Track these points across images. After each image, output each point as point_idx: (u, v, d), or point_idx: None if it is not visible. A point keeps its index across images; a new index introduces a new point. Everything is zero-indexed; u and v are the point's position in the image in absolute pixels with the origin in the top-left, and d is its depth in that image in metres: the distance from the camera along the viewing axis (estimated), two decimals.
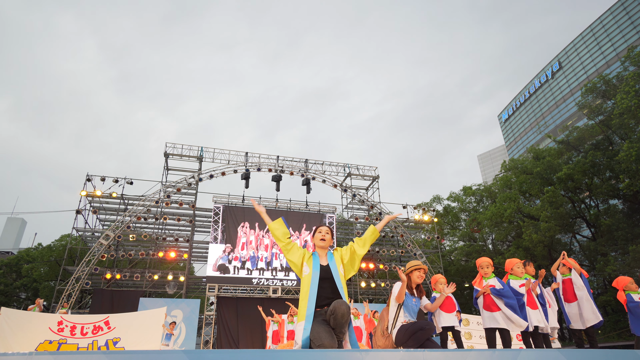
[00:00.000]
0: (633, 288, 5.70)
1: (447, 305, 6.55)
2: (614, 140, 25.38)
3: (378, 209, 21.43)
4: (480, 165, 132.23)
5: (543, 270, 6.07)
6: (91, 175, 18.44)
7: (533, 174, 26.64)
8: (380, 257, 22.49)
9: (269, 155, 21.19)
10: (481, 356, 2.41)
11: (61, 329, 7.45)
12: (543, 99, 61.27)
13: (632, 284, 5.75)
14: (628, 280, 5.76)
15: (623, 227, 22.94)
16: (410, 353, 2.33)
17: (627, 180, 21.34)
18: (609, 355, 2.63)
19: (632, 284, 5.75)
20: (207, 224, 21.09)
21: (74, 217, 17.82)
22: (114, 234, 17.35)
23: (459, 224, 34.36)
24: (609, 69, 45.72)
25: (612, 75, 26.29)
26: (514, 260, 5.70)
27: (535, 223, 24.54)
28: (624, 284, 5.75)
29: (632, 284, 5.73)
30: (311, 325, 3.03)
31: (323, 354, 2.33)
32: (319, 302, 3.18)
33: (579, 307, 5.69)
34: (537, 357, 2.58)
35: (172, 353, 2.16)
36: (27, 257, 28.10)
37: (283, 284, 18.64)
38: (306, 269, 3.38)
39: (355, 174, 22.51)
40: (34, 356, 2.04)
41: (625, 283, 5.75)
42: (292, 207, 21.14)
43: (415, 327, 3.82)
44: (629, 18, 46.92)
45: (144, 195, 18.85)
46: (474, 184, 34.54)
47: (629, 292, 5.65)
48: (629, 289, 5.69)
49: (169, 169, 20.26)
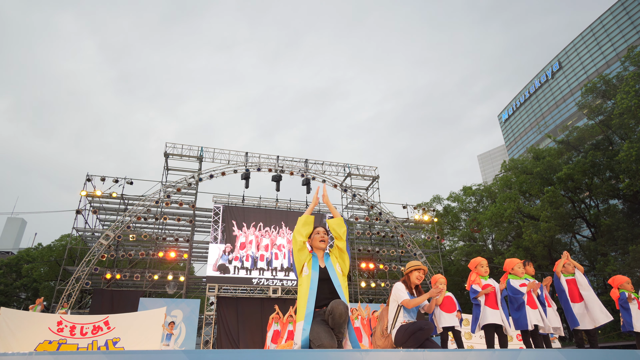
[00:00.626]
0: (629, 288, 5.77)
1: (448, 305, 6.55)
2: (614, 140, 25.38)
3: (378, 209, 21.43)
4: (480, 165, 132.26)
5: (549, 277, 6.05)
6: (91, 175, 18.44)
7: (533, 174, 26.64)
8: (380, 257, 22.48)
9: (269, 155, 21.20)
10: (481, 356, 2.41)
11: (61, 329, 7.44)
12: (543, 99, 61.27)
13: (629, 283, 5.82)
14: (625, 279, 5.84)
15: (623, 227, 22.93)
16: (410, 353, 2.32)
17: (627, 180, 21.34)
18: (609, 355, 2.63)
19: (629, 283, 5.82)
20: (207, 224, 21.09)
21: (74, 217, 17.83)
22: (114, 234, 17.35)
23: (459, 224, 34.36)
24: (609, 69, 45.71)
25: (612, 75, 26.29)
26: (514, 260, 5.70)
27: (535, 223, 24.53)
28: (619, 283, 5.84)
29: (628, 284, 5.81)
30: (310, 325, 3.03)
31: (323, 354, 2.33)
32: (317, 303, 3.19)
33: (586, 306, 5.68)
34: (537, 357, 2.58)
35: (172, 353, 2.16)
36: (27, 257, 28.10)
37: (283, 284, 18.64)
38: (306, 270, 3.40)
39: (355, 174, 22.51)
40: (33, 356, 2.04)
41: (621, 282, 5.84)
42: (292, 207, 21.14)
43: (414, 327, 3.82)
44: (629, 18, 46.91)
45: (144, 195, 18.85)
46: (474, 184, 34.56)
47: (623, 290, 5.72)
48: (624, 288, 5.77)
49: (169, 169, 20.25)
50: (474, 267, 5.72)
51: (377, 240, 23.11)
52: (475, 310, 5.46)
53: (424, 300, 4.08)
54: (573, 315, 5.66)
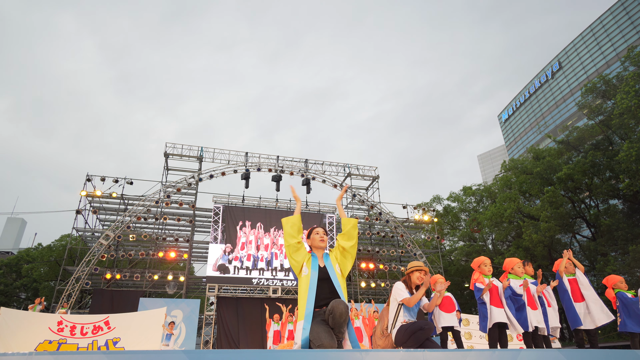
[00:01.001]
0: (622, 287, 5.79)
1: (447, 305, 6.55)
2: (614, 140, 25.38)
3: (378, 209, 21.43)
4: (480, 165, 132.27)
5: (540, 270, 6.06)
6: (91, 175, 18.45)
7: (533, 174, 26.65)
8: (380, 257, 22.48)
9: (269, 155, 21.20)
10: (481, 356, 2.41)
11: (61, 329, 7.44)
12: (543, 99, 61.27)
13: (622, 283, 5.85)
14: (618, 279, 5.88)
15: (623, 227, 22.94)
16: (410, 353, 2.32)
17: (627, 180, 21.34)
18: (609, 355, 2.63)
19: (622, 283, 5.85)
20: (207, 224, 21.09)
21: (74, 217, 17.83)
22: (114, 234, 17.35)
23: (459, 224, 34.37)
24: (609, 69, 45.72)
25: (612, 75, 26.28)
26: (514, 259, 5.69)
27: (535, 223, 24.54)
28: (613, 282, 5.88)
29: (621, 283, 5.84)
30: (310, 325, 3.03)
31: (323, 354, 2.33)
32: (317, 303, 3.19)
33: (587, 306, 5.67)
34: (537, 357, 2.58)
35: (172, 353, 2.16)
36: (27, 257, 28.10)
37: (283, 284, 18.64)
38: (305, 269, 3.40)
39: (355, 174, 22.51)
40: (33, 356, 2.04)
41: (615, 281, 5.87)
42: (292, 207, 21.13)
43: (414, 327, 3.83)
44: (629, 18, 46.92)
45: (144, 195, 18.85)
46: (474, 184, 34.58)
47: (618, 290, 5.74)
48: (618, 288, 5.80)
49: (169, 169, 20.26)
50: (477, 266, 5.69)
51: (377, 240, 23.11)
52: (481, 309, 5.42)
53: (422, 294, 4.08)
54: (576, 314, 5.63)
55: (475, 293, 5.50)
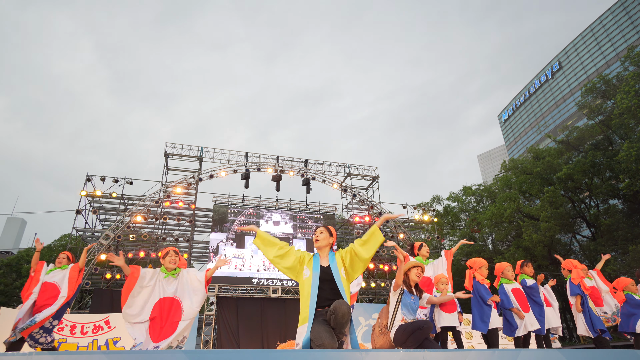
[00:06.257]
0: (633, 290, 5.79)
1: (448, 305, 6.53)
2: (614, 140, 25.38)
3: (378, 209, 21.43)
4: (480, 165, 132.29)
5: (542, 275, 6.07)
6: (91, 175, 18.44)
7: (533, 174, 26.64)
8: (380, 257, 22.47)
9: (269, 155, 21.19)
10: (481, 356, 2.41)
11: (61, 329, 7.44)
12: (543, 99, 61.26)
13: (633, 285, 5.86)
14: (629, 281, 5.89)
15: (623, 227, 22.94)
16: (410, 353, 2.32)
17: (627, 180, 21.33)
18: (609, 355, 2.63)
19: (633, 285, 5.86)
20: (207, 224, 21.09)
21: (74, 217, 17.83)
22: (114, 234, 17.35)
23: (459, 224, 34.35)
24: (609, 69, 45.70)
25: (612, 75, 26.28)
26: (504, 264, 5.73)
27: (535, 223, 24.53)
28: (624, 285, 5.87)
29: (632, 286, 5.85)
30: (311, 325, 3.03)
31: (323, 353, 2.33)
32: (319, 303, 3.17)
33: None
34: (537, 357, 2.58)
35: (172, 353, 2.16)
36: (27, 257, 28.09)
37: (283, 284, 18.64)
38: (306, 271, 3.36)
39: (355, 174, 22.50)
40: (34, 356, 2.04)
41: (626, 284, 5.90)
42: (292, 207, 21.13)
43: (413, 327, 3.83)
44: (629, 18, 46.91)
45: (143, 195, 18.85)
46: (474, 184, 34.55)
47: (628, 292, 5.74)
48: (628, 290, 5.78)
49: (168, 169, 20.25)
50: (478, 268, 5.68)
51: None
52: (480, 309, 5.43)
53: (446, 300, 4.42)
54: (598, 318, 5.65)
55: (482, 292, 5.47)
